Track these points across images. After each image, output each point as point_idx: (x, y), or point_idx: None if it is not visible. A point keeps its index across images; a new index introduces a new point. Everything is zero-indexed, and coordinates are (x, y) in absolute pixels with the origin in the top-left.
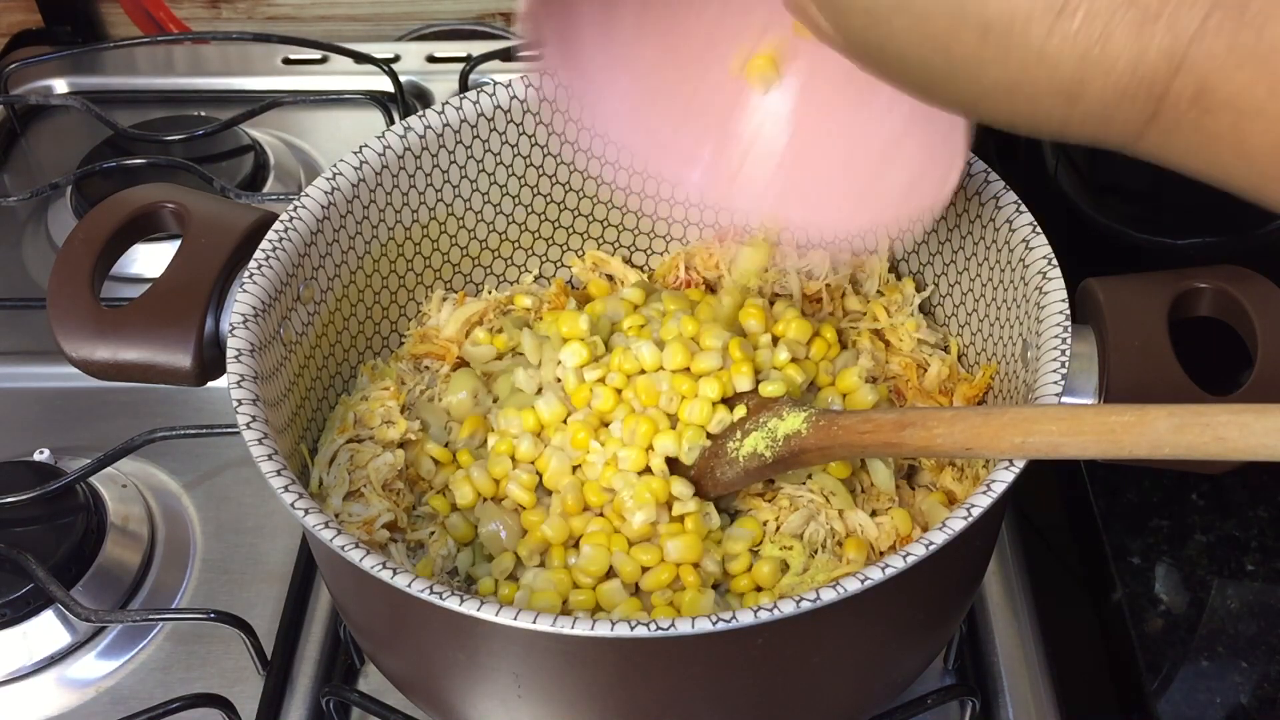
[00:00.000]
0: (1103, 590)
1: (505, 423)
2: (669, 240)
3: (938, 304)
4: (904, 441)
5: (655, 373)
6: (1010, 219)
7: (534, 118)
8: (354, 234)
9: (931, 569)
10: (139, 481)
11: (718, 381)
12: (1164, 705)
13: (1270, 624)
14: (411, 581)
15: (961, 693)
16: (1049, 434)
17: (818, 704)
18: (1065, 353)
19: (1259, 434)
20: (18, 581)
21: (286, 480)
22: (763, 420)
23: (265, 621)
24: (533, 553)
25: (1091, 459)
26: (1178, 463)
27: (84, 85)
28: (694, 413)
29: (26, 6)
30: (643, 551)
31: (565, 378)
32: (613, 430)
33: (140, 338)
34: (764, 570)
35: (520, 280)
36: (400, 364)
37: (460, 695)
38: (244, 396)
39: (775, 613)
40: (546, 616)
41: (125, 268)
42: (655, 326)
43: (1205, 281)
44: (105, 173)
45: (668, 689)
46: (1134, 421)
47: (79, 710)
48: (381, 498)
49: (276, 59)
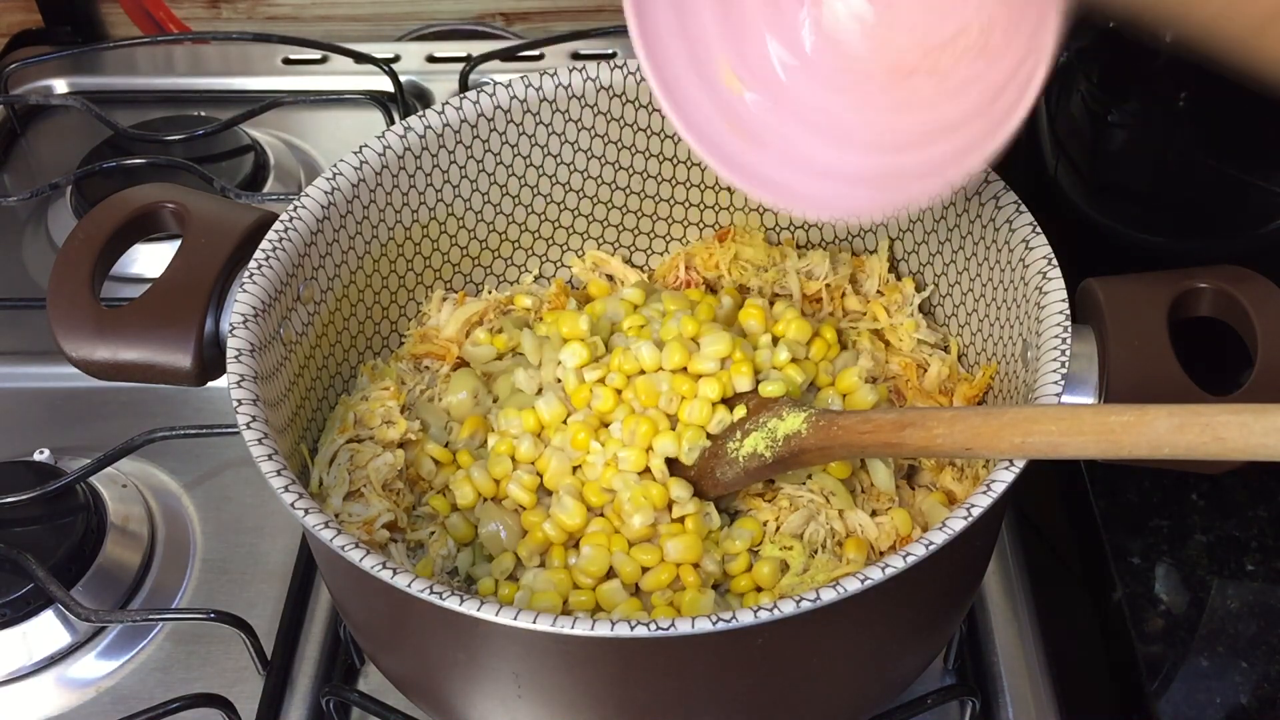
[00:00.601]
0: (1103, 590)
1: (505, 423)
2: (669, 240)
3: (938, 304)
4: (904, 441)
5: (655, 373)
6: (1010, 219)
7: (534, 118)
8: (354, 234)
9: (932, 569)
10: (139, 481)
11: (717, 382)
12: (1164, 705)
13: (1270, 624)
14: (411, 581)
15: (961, 693)
16: (1049, 434)
17: (818, 704)
18: (1065, 353)
19: (1258, 434)
20: (18, 581)
21: (286, 480)
22: (763, 420)
23: (265, 621)
24: (533, 553)
25: (1091, 459)
26: (1178, 463)
27: (84, 85)
28: (694, 413)
29: (26, 6)
30: (643, 552)
31: (565, 378)
32: (613, 431)
33: (140, 338)
34: (764, 570)
35: (520, 280)
36: (400, 364)
37: (460, 695)
38: (244, 396)
39: (775, 613)
40: (546, 616)
41: (125, 268)
42: (655, 327)
43: (1205, 281)
44: (105, 173)
45: (668, 689)
46: (1133, 421)
47: (79, 710)
48: (381, 498)
49: (276, 59)
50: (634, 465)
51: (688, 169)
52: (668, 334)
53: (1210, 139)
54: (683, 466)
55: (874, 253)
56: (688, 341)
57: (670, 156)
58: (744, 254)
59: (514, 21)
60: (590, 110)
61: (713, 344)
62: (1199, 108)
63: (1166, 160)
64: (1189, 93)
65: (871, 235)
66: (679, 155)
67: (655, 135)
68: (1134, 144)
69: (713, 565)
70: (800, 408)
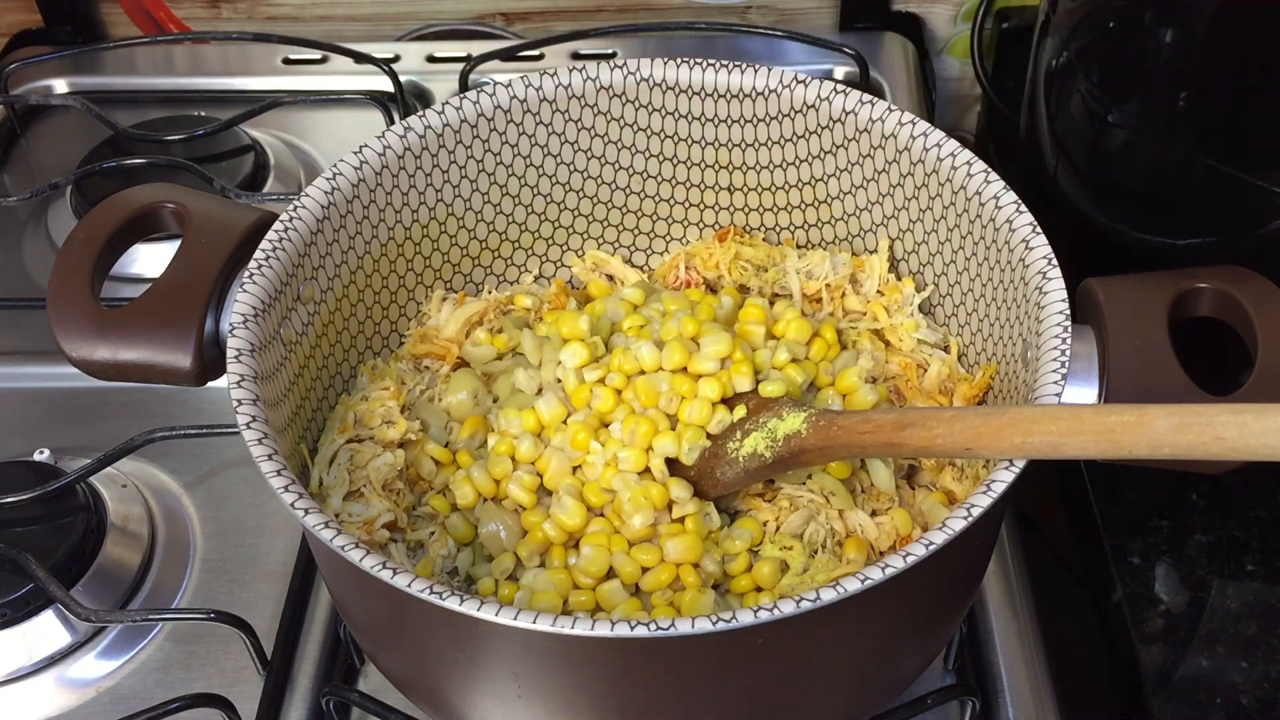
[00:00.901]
0: (1103, 590)
1: (505, 423)
2: (669, 240)
3: (938, 304)
4: (904, 441)
5: (655, 373)
6: (1010, 219)
7: (534, 118)
8: (354, 234)
9: (932, 569)
10: (139, 481)
11: (717, 382)
12: (1164, 705)
13: (1270, 624)
14: (411, 581)
15: (961, 693)
16: (1049, 434)
17: (818, 704)
18: (1065, 353)
19: (1258, 434)
20: (18, 581)
21: (286, 480)
22: (762, 420)
23: (265, 621)
24: (533, 553)
25: (1092, 459)
26: (1178, 463)
27: (84, 85)
28: (694, 413)
29: (26, 6)
30: (643, 552)
31: (565, 378)
32: (613, 431)
33: (140, 338)
34: (764, 570)
35: (520, 280)
36: (400, 364)
37: (460, 695)
38: (244, 396)
39: (775, 613)
40: (546, 616)
41: (125, 268)
42: (655, 327)
43: (1205, 281)
44: (105, 173)
45: (668, 689)
46: (1133, 421)
47: (79, 710)
48: (381, 498)
49: (276, 59)
50: (634, 465)
51: (688, 169)
52: (668, 334)
53: (1210, 139)
54: (683, 467)
55: (874, 253)
56: (688, 341)
57: (670, 157)
58: (744, 254)
59: (514, 21)
60: (590, 110)
61: (713, 344)
62: (1199, 108)
63: (1166, 160)
64: (1189, 93)
65: (871, 235)
66: (679, 155)
67: (655, 135)
68: (1134, 144)
69: (713, 565)
70: (800, 408)
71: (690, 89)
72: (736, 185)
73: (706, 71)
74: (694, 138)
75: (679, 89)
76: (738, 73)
